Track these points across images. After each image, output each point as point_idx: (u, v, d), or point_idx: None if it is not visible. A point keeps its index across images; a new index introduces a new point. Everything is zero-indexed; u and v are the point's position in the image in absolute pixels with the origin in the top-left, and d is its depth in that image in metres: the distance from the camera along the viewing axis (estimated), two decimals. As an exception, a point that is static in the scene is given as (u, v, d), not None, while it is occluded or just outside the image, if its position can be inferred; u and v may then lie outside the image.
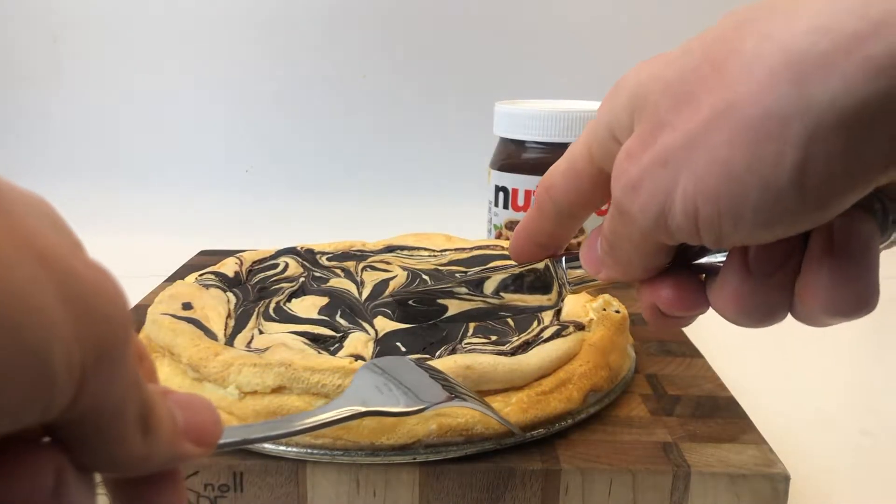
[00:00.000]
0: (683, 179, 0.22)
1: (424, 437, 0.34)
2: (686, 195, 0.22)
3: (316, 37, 0.96)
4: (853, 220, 0.23)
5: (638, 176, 0.23)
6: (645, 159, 0.23)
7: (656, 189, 0.23)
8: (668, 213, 0.23)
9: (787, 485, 0.33)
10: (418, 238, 0.60)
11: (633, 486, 0.33)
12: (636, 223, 0.24)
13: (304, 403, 0.34)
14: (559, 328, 0.41)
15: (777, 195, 0.21)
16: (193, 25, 0.95)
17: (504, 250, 0.57)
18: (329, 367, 0.35)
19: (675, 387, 0.42)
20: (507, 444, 0.35)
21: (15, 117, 0.97)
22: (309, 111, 0.98)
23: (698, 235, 0.23)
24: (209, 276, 0.49)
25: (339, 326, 0.43)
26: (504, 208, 0.66)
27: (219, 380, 0.35)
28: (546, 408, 0.36)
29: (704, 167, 0.22)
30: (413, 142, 0.98)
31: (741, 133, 0.21)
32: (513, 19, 0.95)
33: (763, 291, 0.25)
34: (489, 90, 0.81)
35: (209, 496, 0.34)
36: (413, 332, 0.43)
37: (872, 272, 0.23)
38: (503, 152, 0.66)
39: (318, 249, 0.57)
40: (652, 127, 0.23)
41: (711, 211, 0.22)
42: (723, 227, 0.22)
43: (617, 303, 0.46)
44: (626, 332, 0.44)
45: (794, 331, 0.28)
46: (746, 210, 0.21)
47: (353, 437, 0.34)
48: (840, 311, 0.24)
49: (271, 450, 0.34)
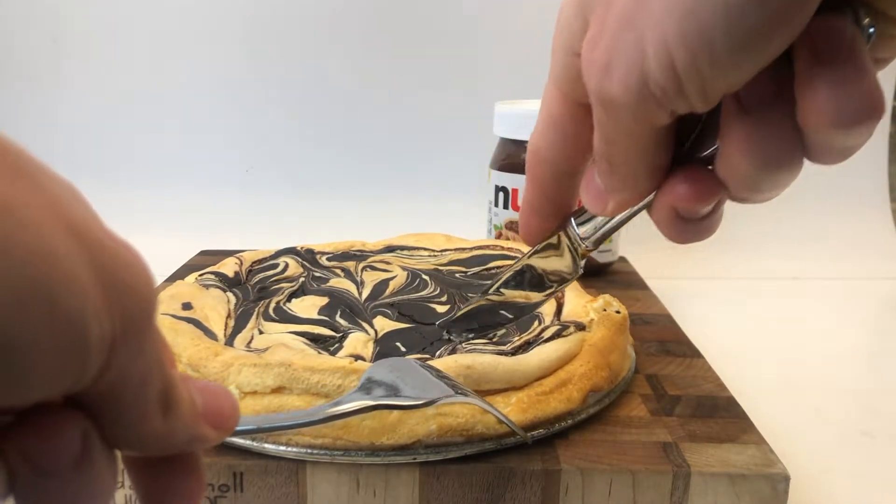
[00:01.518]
0: (649, 33, 0.22)
1: (425, 437, 0.34)
2: (657, 48, 0.22)
3: (316, 36, 0.96)
4: (829, 24, 0.22)
5: (606, 54, 0.23)
6: (606, 36, 0.23)
7: (627, 56, 0.22)
8: (647, 77, 0.22)
9: (787, 485, 0.33)
10: (419, 238, 0.60)
11: (633, 486, 0.33)
12: (623, 107, 0.23)
13: (304, 403, 0.34)
14: (560, 328, 0.42)
15: (740, 11, 0.20)
16: (193, 25, 0.95)
17: (504, 250, 0.57)
18: (329, 368, 0.35)
19: (675, 387, 0.42)
20: (507, 444, 0.35)
21: (14, 117, 0.96)
22: (309, 111, 0.98)
23: (683, 91, 0.22)
24: (209, 276, 0.49)
25: (339, 326, 0.43)
26: (504, 208, 0.66)
27: (218, 379, 0.35)
28: (546, 408, 0.36)
29: (662, 12, 0.21)
30: (413, 142, 0.98)
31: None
32: (513, 19, 0.95)
33: (766, 129, 0.23)
34: (489, 90, 0.81)
35: (209, 496, 0.34)
36: (413, 332, 0.43)
37: (869, 72, 0.22)
38: (503, 152, 0.66)
39: (318, 249, 0.57)
40: (603, 9, 0.23)
41: (685, 54, 0.21)
42: (700, 67, 0.22)
43: (617, 303, 0.46)
44: (626, 332, 0.44)
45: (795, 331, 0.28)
46: (716, 39, 0.21)
47: (353, 437, 0.33)
48: (850, 118, 0.22)
49: (271, 450, 0.34)
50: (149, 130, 0.97)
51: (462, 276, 0.53)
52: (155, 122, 0.97)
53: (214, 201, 0.93)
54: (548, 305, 0.46)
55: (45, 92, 0.96)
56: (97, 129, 0.97)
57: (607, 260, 0.66)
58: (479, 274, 0.54)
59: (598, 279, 0.64)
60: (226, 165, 0.97)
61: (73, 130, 0.97)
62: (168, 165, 0.97)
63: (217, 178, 0.96)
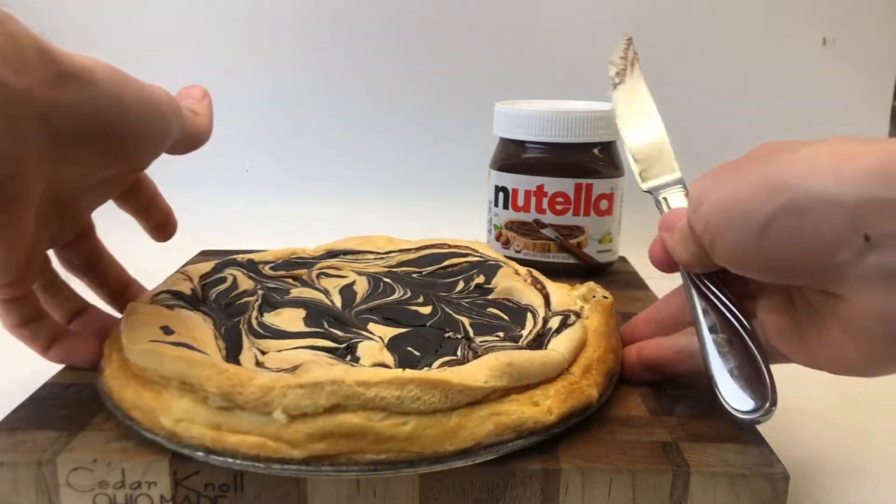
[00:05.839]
0: (714, 192, 0.34)
1: (484, 439, 0.33)
2: (709, 203, 0.34)
3: (316, 36, 0.96)
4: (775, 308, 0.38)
5: (698, 193, 0.35)
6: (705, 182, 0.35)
7: (701, 195, 0.35)
8: (696, 212, 0.35)
9: (787, 485, 0.33)
10: (360, 241, 0.58)
11: (632, 486, 0.33)
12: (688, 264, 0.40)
13: (362, 420, 0.32)
14: (563, 318, 0.43)
15: (743, 235, 0.32)
16: (193, 25, 0.96)
17: (451, 248, 0.56)
18: (384, 380, 0.33)
19: (675, 386, 0.42)
20: (553, 433, 0.35)
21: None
22: (309, 111, 0.98)
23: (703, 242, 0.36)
24: (166, 296, 0.44)
25: (338, 337, 0.42)
26: (504, 208, 0.66)
27: (259, 406, 0.32)
28: (581, 396, 0.37)
29: (727, 190, 0.33)
30: (413, 142, 0.98)
31: (755, 182, 0.32)
32: (513, 19, 0.95)
33: None
34: (489, 90, 0.81)
35: (209, 496, 0.34)
36: (414, 336, 0.42)
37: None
38: (503, 152, 0.66)
39: (258, 259, 0.54)
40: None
41: (709, 225, 0.34)
42: (704, 238, 0.35)
43: (601, 288, 0.48)
44: (615, 315, 0.46)
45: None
46: (722, 238, 0.34)
47: (418, 447, 0.33)
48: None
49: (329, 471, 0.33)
50: (149, 130, 0.96)
51: (418, 276, 0.53)
52: (155, 122, 0.96)
53: (214, 201, 0.93)
54: (536, 298, 0.47)
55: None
56: (97, 129, 0.97)
57: (607, 260, 0.66)
58: (436, 273, 0.53)
59: (598, 279, 0.64)
60: (226, 165, 0.97)
61: (73, 130, 0.97)
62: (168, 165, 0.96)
63: (217, 178, 0.96)
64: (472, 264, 0.54)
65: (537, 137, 0.63)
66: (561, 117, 0.62)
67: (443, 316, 0.46)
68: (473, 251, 0.56)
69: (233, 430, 0.33)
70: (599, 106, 0.64)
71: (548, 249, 0.65)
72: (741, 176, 0.32)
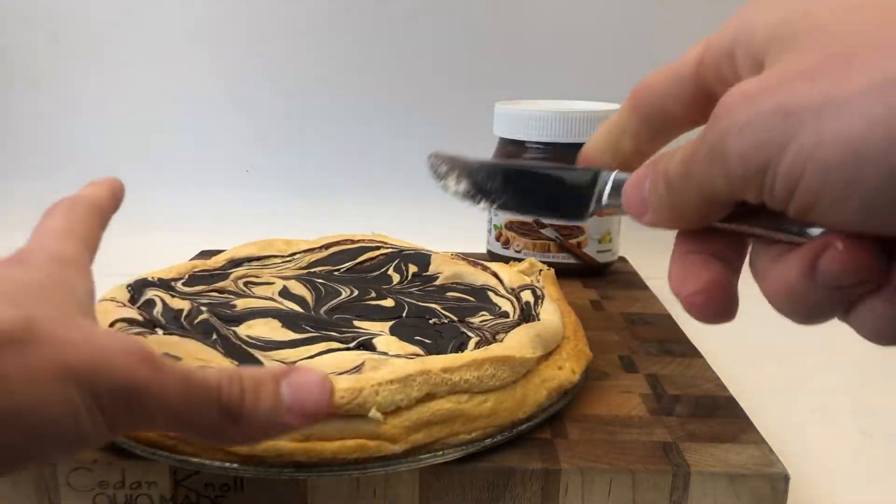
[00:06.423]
0: (802, 138, 0.19)
1: (546, 402, 0.37)
2: (798, 155, 0.20)
3: (316, 36, 0.96)
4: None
5: (748, 119, 0.21)
6: (765, 103, 0.20)
7: (769, 139, 0.20)
8: (769, 170, 0.20)
9: (787, 484, 0.33)
10: (259, 247, 0.56)
11: (632, 486, 0.33)
12: (727, 170, 0.21)
13: (453, 404, 0.34)
14: (531, 290, 0.46)
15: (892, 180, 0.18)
16: (193, 25, 0.95)
17: (355, 243, 0.56)
18: (464, 363, 0.35)
19: (675, 387, 0.42)
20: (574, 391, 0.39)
21: (14, 117, 0.96)
22: (308, 111, 0.98)
23: (787, 202, 0.21)
24: (123, 325, 0.39)
25: (341, 338, 0.40)
26: (504, 208, 0.66)
27: (352, 409, 0.32)
28: (584, 357, 0.41)
29: (833, 133, 0.19)
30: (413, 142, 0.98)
31: (891, 116, 0.18)
32: (513, 19, 0.95)
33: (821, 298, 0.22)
34: (489, 90, 0.81)
35: (209, 496, 0.34)
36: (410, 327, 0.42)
37: None
38: (503, 152, 0.66)
39: (165, 277, 0.48)
40: (786, 73, 0.21)
41: (817, 182, 0.19)
42: (819, 202, 0.20)
43: (538, 262, 0.53)
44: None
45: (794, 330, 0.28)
46: (855, 194, 0.19)
47: (499, 421, 0.35)
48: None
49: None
50: (148, 131, 0.97)
51: (339, 273, 0.52)
52: (155, 122, 0.97)
53: (214, 201, 0.93)
54: (489, 279, 0.50)
55: (43, 92, 0.96)
56: (97, 130, 0.97)
57: (607, 260, 0.66)
58: (355, 269, 0.52)
59: (598, 279, 0.64)
60: (226, 165, 0.97)
61: (73, 131, 0.97)
62: (168, 165, 0.97)
63: (217, 178, 0.96)
64: (388, 256, 0.53)
65: (537, 138, 0.63)
66: (561, 117, 0.62)
67: (410, 306, 0.45)
68: (382, 243, 0.55)
69: (324, 437, 0.32)
70: (599, 106, 0.64)
71: (548, 249, 0.65)
72: (858, 87, 0.19)
